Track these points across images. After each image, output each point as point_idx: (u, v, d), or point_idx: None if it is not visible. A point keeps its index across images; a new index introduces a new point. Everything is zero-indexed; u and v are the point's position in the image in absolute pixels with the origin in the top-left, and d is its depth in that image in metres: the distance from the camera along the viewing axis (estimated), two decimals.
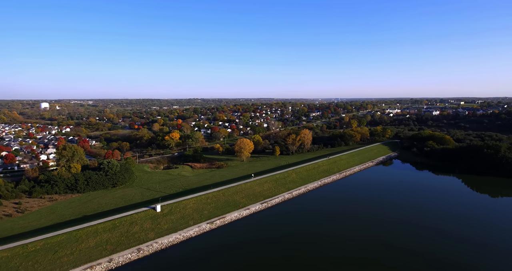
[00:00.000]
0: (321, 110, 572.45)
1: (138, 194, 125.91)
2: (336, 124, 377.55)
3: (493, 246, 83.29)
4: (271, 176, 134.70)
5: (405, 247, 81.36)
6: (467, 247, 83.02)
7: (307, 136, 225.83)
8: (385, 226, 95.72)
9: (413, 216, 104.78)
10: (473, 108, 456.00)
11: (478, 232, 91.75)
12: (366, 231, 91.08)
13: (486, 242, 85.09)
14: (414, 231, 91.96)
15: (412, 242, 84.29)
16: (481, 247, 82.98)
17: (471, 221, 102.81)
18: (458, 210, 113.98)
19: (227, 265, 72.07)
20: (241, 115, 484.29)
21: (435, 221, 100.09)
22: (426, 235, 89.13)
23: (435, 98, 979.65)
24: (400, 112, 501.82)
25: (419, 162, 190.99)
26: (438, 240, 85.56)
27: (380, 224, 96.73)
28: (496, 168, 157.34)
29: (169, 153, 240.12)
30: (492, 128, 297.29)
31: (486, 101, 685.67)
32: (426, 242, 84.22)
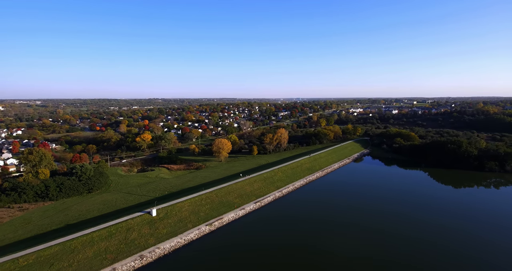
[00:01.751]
0: (288, 110, 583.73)
1: (120, 199, 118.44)
2: (305, 123, 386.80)
3: (451, 229, 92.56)
4: (259, 175, 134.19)
5: (398, 234, 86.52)
6: (428, 229, 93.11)
7: (284, 135, 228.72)
8: (373, 216, 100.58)
9: (398, 207, 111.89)
10: (427, 107, 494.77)
11: (441, 218, 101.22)
12: (360, 224, 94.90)
13: (444, 226, 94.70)
14: (406, 221, 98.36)
15: (405, 229, 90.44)
16: (440, 230, 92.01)
17: (440, 210, 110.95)
18: (427, 199, 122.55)
19: (234, 267, 70.45)
20: (210, 116, 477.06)
21: (408, 209, 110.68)
22: (410, 222, 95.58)
23: (390, 98, 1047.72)
24: (363, 111, 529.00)
25: (390, 158, 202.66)
26: (405, 223, 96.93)
27: (369, 216, 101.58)
28: (459, 161, 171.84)
29: (141, 155, 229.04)
30: (446, 125, 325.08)
31: (435, 101, 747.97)
32: (405, 226, 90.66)
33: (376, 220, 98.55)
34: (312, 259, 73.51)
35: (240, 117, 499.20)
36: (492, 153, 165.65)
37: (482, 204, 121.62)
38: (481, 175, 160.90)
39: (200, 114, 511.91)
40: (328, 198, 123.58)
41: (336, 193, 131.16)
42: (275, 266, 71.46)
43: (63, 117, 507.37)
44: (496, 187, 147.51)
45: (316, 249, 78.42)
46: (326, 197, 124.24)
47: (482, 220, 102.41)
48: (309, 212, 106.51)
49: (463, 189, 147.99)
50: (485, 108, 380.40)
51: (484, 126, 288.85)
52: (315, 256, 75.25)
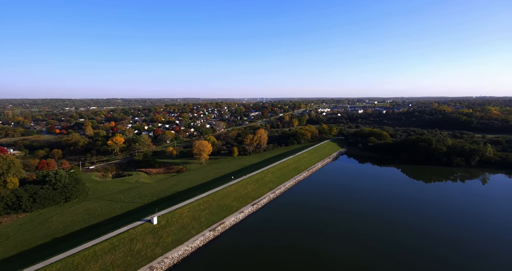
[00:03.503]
0: (258, 110, 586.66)
1: (105, 208, 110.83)
2: (278, 123, 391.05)
3: (421, 221, 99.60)
4: (250, 177, 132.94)
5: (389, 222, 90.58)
6: (399, 221, 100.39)
7: (263, 135, 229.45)
8: (368, 217, 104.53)
9: (386, 206, 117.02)
10: (389, 107, 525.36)
11: (412, 213, 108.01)
12: (356, 225, 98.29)
13: (415, 219, 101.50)
14: (396, 221, 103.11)
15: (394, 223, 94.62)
16: (411, 222, 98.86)
17: (413, 204, 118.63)
18: (404, 194, 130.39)
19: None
20: (180, 116, 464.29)
21: (394, 208, 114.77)
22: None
23: (353, 98, 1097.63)
24: (331, 111, 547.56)
25: (366, 156, 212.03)
26: (396, 223, 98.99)
27: (361, 216, 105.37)
28: (429, 158, 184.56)
29: (114, 159, 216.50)
30: (409, 124, 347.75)
31: (394, 101, 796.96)
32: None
33: (370, 220, 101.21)
34: (320, 259, 74.50)
35: (211, 118, 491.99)
36: (458, 149, 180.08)
37: (450, 196, 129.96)
38: (450, 170, 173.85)
39: (169, 115, 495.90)
40: (320, 198, 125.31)
41: (326, 192, 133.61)
42: (289, 267, 71.26)
43: (15, 119, 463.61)
44: (462, 180, 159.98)
45: (322, 250, 79.40)
46: (318, 197, 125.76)
47: (450, 212, 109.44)
48: (305, 213, 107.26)
49: (434, 183, 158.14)
50: (441, 108, 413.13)
51: (443, 125, 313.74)
52: (322, 256, 76.35)
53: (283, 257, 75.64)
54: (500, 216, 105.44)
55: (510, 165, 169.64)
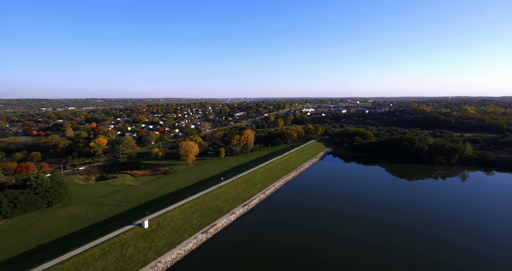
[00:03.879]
0: (243, 110, 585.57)
1: (91, 212, 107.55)
2: (263, 123, 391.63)
3: (406, 220, 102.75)
4: (239, 178, 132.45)
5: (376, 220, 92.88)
6: (382, 215, 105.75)
7: (250, 136, 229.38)
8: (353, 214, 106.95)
9: (368, 199, 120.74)
10: (371, 107, 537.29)
11: (397, 211, 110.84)
12: (354, 219, 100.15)
13: (400, 217, 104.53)
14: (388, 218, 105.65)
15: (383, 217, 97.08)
16: (396, 221, 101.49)
17: (398, 203, 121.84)
18: (388, 193, 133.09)
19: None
20: (164, 117, 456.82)
21: (384, 205, 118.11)
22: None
23: (336, 98, 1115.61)
24: (315, 111, 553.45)
25: (352, 155, 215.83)
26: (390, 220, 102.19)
27: (349, 214, 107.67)
28: (412, 156, 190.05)
29: (97, 161, 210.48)
30: (391, 123, 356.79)
31: (375, 100, 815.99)
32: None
33: (358, 220, 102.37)
34: (312, 259, 75.31)
35: (195, 118, 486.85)
36: (439, 148, 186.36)
37: (432, 194, 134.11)
38: (431, 168, 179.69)
39: (152, 116, 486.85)
40: (309, 198, 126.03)
41: (315, 192, 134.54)
42: (282, 268, 71.55)
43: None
44: (443, 178, 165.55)
45: (313, 250, 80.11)
46: (308, 198, 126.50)
47: (432, 209, 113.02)
48: (296, 213, 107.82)
49: (417, 181, 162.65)
50: (420, 108, 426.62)
51: (423, 124, 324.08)
52: (314, 256, 77.22)
53: (276, 258, 75.81)
54: (479, 213, 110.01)
55: (488, 163, 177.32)
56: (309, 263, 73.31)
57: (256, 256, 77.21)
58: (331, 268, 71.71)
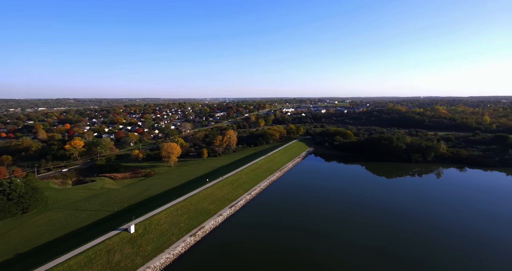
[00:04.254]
0: (223, 110, 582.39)
1: (71, 218, 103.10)
2: (244, 123, 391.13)
3: (385, 214, 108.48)
4: (224, 179, 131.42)
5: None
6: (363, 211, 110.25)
7: (233, 136, 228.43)
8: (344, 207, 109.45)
9: (351, 197, 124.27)
10: (349, 107, 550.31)
11: (377, 210, 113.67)
12: (339, 218, 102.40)
13: (379, 212, 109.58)
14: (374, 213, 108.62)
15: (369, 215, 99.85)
16: (377, 220, 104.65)
17: (378, 199, 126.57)
18: (369, 192, 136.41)
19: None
20: (142, 118, 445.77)
21: (368, 202, 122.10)
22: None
23: (314, 98, 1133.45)
24: (295, 111, 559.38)
25: (334, 155, 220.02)
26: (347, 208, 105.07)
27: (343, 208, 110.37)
28: (391, 155, 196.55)
29: (73, 164, 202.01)
30: (369, 123, 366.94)
31: (353, 100, 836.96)
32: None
33: (343, 219, 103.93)
34: (300, 259, 76.17)
35: (175, 119, 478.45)
36: (416, 146, 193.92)
37: (410, 190, 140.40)
38: (409, 166, 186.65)
39: (130, 117, 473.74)
40: (294, 198, 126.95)
41: (299, 193, 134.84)
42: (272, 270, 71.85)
43: None
44: (420, 175, 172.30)
45: (301, 250, 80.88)
46: (293, 198, 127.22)
47: (410, 205, 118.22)
48: (282, 214, 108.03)
49: (395, 178, 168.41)
50: (396, 108, 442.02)
51: (400, 123, 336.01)
52: (302, 256, 78.08)
53: (266, 259, 75.88)
54: (454, 207, 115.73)
55: (461, 160, 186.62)
56: (298, 264, 73.95)
57: (246, 257, 76.94)
58: (321, 267, 72.64)
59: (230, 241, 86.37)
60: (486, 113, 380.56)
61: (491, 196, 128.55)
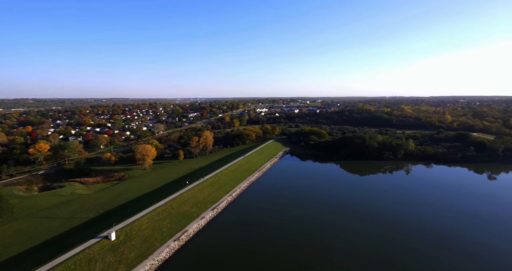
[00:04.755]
0: (196, 111, 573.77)
1: (41, 227, 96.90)
2: (219, 124, 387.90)
3: (355, 204, 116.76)
4: (205, 181, 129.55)
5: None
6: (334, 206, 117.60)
7: (209, 137, 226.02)
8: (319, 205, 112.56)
9: (329, 194, 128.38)
10: (321, 107, 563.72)
11: (348, 201, 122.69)
12: (318, 214, 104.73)
13: (354, 210, 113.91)
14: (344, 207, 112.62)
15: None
16: (345, 205, 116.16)
17: (352, 192, 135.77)
18: (344, 191, 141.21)
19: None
20: (111, 119, 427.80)
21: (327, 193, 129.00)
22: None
23: (286, 98, 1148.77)
24: (269, 111, 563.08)
25: (309, 154, 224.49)
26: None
27: (319, 206, 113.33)
28: (364, 153, 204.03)
29: (38, 169, 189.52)
30: (341, 122, 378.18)
31: (324, 100, 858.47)
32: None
33: (321, 219, 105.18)
34: (284, 260, 77.25)
35: (146, 120, 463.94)
36: (387, 145, 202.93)
37: (381, 184, 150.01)
38: (381, 164, 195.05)
39: (98, 118, 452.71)
40: (274, 198, 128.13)
41: (279, 194, 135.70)
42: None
43: None
44: (391, 172, 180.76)
45: (284, 252, 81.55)
46: (273, 198, 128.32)
47: (381, 200, 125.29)
48: (263, 214, 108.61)
49: (368, 176, 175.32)
50: (366, 107, 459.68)
51: (370, 123, 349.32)
52: (285, 257, 79.07)
53: (251, 261, 76.06)
54: (424, 200, 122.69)
55: (427, 157, 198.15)
56: (286, 262, 74.85)
57: (231, 259, 76.54)
58: (305, 266, 73.89)
59: (214, 244, 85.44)
60: (447, 113, 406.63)
61: (456, 193, 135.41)
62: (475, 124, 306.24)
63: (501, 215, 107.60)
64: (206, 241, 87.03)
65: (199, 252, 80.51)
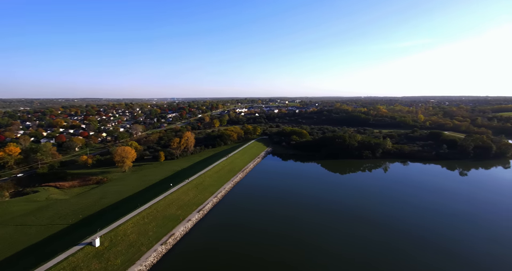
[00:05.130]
0: (175, 111, 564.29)
1: (16, 235, 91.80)
2: (199, 124, 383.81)
3: (335, 204, 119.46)
4: (189, 183, 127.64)
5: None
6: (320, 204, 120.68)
7: (191, 138, 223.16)
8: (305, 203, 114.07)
9: (309, 191, 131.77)
10: (299, 107, 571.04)
11: (331, 199, 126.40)
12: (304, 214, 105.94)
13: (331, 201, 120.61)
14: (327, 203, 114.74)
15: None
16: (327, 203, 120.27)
17: (333, 192, 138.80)
18: (324, 187, 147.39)
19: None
20: (86, 120, 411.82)
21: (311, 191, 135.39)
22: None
23: (265, 98, 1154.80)
24: (248, 111, 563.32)
25: (291, 154, 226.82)
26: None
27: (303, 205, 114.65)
28: (344, 152, 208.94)
29: (9, 174, 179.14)
30: (320, 122, 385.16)
31: (303, 100, 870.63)
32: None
33: (303, 219, 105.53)
34: (277, 260, 77.85)
35: (123, 121, 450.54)
36: (366, 144, 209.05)
37: (360, 183, 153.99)
38: (360, 162, 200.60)
39: (71, 119, 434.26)
40: (258, 198, 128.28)
41: (263, 195, 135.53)
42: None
43: None
44: (370, 170, 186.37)
45: (270, 253, 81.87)
46: (257, 198, 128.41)
47: (362, 198, 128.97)
48: (250, 215, 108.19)
49: (348, 175, 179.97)
50: (343, 107, 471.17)
51: (348, 122, 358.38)
52: (275, 258, 79.53)
53: (239, 263, 75.75)
54: (403, 195, 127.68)
55: (404, 155, 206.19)
56: (272, 263, 75.32)
57: (220, 262, 75.89)
58: (292, 268, 74.41)
59: (202, 246, 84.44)
60: (420, 112, 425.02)
61: (431, 191, 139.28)
62: (446, 124, 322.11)
63: (473, 212, 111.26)
64: (193, 244, 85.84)
65: (186, 255, 79.24)
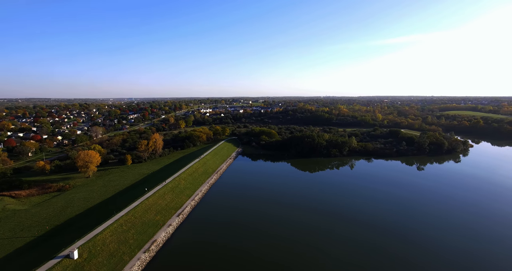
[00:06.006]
0: (136, 112, 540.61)
1: None
2: (163, 126, 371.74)
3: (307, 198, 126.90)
4: (164, 187, 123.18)
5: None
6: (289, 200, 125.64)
7: (159, 140, 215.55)
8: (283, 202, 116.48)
9: (285, 190, 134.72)
10: (266, 107, 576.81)
11: (301, 196, 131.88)
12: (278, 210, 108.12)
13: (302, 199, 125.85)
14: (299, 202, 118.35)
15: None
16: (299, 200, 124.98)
17: (305, 188, 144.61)
18: (295, 184, 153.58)
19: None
20: (36, 122, 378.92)
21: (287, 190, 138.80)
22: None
23: (228, 98, 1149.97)
24: (213, 111, 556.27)
25: (261, 154, 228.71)
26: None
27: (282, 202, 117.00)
28: (313, 151, 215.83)
29: None
30: (286, 122, 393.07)
31: (266, 100, 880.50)
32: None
33: (282, 217, 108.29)
34: (261, 260, 78.94)
35: (80, 123, 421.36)
36: (334, 142, 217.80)
37: (330, 179, 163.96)
38: (329, 160, 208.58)
39: (19, 121, 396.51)
40: (236, 199, 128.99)
41: (240, 192, 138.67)
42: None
43: None
44: (337, 167, 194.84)
45: (255, 252, 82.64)
46: (235, 198, 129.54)
47: (331, 194, 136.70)
48: (229, 216, 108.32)
49: (317, 173, 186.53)
50: (307, 107, 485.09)
51: (313, 122, 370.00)
52: (257, 255, 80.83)
53: (228, 265, 75.61)
54: (371, 190, 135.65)
55: (368, 152, 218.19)
56: (258, 263, 76.16)
57: (206, 264, 75.22)
58: (270, 263, 76.18)
59: (186, 251, 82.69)
60: (377, 111, 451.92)
61: (395, 186, 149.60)
62: (401, 122, 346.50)
63: (431, 205, 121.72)
64: (177, 249, 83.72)
65: (172, 261, 77.16)
